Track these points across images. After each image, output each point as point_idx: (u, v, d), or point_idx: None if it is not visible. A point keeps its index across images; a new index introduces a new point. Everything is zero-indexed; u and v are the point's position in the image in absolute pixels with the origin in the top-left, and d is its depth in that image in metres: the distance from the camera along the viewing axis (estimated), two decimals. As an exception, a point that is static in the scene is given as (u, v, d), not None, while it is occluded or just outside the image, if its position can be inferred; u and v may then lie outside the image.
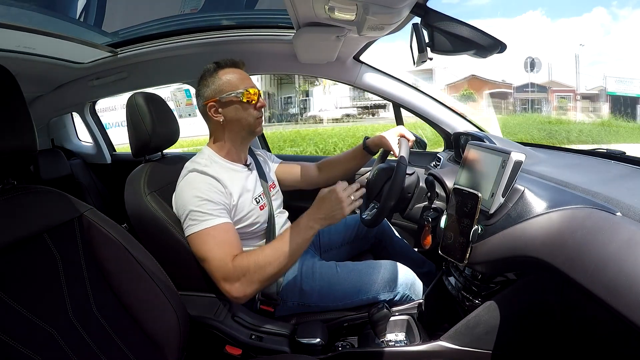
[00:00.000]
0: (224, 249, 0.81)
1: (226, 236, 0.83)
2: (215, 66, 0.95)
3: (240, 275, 0.79)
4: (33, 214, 0.59)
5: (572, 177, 0.72)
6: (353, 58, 1.41)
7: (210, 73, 0.94)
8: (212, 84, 0.93)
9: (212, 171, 0.87)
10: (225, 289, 0.80)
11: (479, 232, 0.71)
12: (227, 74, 0.94)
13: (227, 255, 0.80)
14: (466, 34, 0.72)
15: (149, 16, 1.48)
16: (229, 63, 0.96)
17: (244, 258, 0.80)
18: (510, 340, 0.75)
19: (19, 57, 1.30)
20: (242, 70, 0.98)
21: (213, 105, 0.93)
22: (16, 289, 0.53)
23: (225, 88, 0.92)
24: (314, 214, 0.81)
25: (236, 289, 0.79)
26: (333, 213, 0.80)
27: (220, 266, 0.79)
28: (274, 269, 0.79)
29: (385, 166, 1.05)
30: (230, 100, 0.92)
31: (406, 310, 0.97)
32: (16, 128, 0.56)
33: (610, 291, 0.45)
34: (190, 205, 0.83)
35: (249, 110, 0.93)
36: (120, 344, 0.61)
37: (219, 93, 0.92)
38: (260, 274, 0.79)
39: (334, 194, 0.79)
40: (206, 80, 0.94)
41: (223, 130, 0.95)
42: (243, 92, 0.91)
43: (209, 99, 0.93)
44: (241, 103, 0.92)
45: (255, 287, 0.80)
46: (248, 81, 0.95)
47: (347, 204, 0.80)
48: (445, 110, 1.43)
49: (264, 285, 0.81)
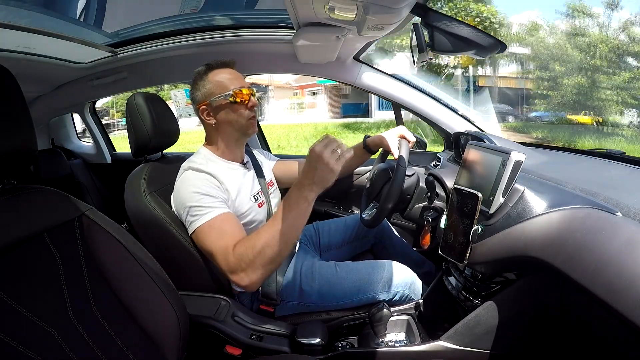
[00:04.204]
0: (225, 240, 0.79)
1: (226, 226, 0.82)
2: (205, 68, 0.94)
3: (243, 264, 0.75)
4: (33, 214, 0.59)
5: (572, 177, 0.72)
6: (353, 58, 1.42)
7: (200, 76, 0.94)
8: (202, 87, 0.93)
9: (208, 168, 0.87)
10: (233, 280, 0.78)
11: (479, 232, 0.71)
12: (217, 75, 0.93)
13: (228, 246, 0.78)
14: (466, 34, 0.72)
15: (149, 16, 1.48)
16: (219, 64, 0.95)
17: (241, 246, 0.77)
18: (510, 340, 0.75)
19: (19, 57, 1.30)
20: (233, 69, 0.97)
21: (205, 108, 0.93)
22: (16, 289, 0.53)
23: (216, 90, 0.91)
24: (304, 182, 0.72)
25: (242, 279, 0.76)
26: (322, 174, 0.69)
27: (223, 258, 0.78)
28: (274, 250, 0.74)
29: (385, 167, 1.05)
30: (220, 103, 0.91)
31: (406, 310, 0.97)
32: (16, 128, 0.56)
33: (610, 291, 0.45)
34: (189, 202, 0.83)
35: (240, 111, 0.92)
36: (120, 344, 0.61)
37: (209, 96, 0.92)
38: (261, 258, 0.74)
39: (313, 154, 0.69)
40: (197, 83, 0.94)
41: (217, 133, 0.95)
42: (232, 93, 0.90)
43: (200, 103, 0.93)
44: (231, 105, 0.91)
45: (261, 272, 0.75)
46: (239, 81, 0.94)
47: (334, 160, 0.68)
48: (445, 110, 1.43)
49: (271, 268, 0.77)
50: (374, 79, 1.45)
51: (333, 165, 0.68)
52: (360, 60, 1.44)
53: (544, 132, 9.31)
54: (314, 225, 1.29)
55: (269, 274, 0.80)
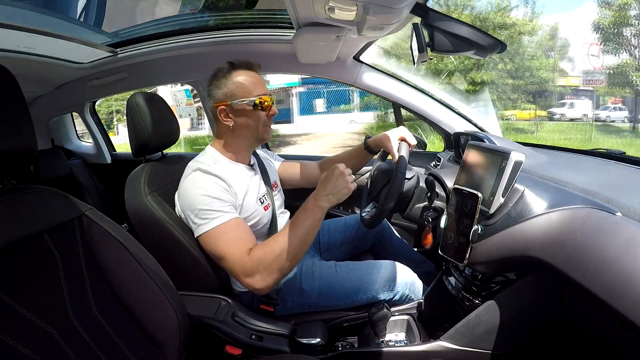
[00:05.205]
0: (239, 244, 0.81)
1: (239, 231, 0.83)
2: (229, 66, 0.91)
3: (260, 267, 0.79)
4: (33, 214, 0.59)
5: (572, 177, 0.72)
6: (353, 58, 1.41)
7: (223, 74, 0.91)
8: (224, 86, 0.90)
9: (216, 170, 0.87)
10: (246, 282, 0.80)
11: (479, 232, 0.71)
12: (240, 76, 0.90)
13: (243, 251, 0.80)
14: (466, 34, 0.72)
15: (149, 16, 1.49)
16: (244, 64, 0.92)
17: (259, 250, 0.80)
18: (510, 340, 0.75)
19: (19, 57, 1.30)
20: (257, 73, 0.94)
21: (224, 109, 0.90)
22: (16, 289, 0.53)
23: (238, 93, 0.89)
24: (320, 193, 0.80)
25: (257, 281, 0.79)
26: (338, 189, 0.79)
27: (238, 262, 0.80)
28: (291, 255, 0.79)
29: (385, 167, 1.04)
30: (242, 107, 0.89)
31: (406, 310, 0.97)
32: (16, 128, 0.56)
33: (610, 291, 0.45)
34: (199, 205, 0.82)
35: (260, 118, 0.91)
36: (120, 344, 0.61)
37: (230, 97, 0.89)
38: (278, 262, 0.79)
39: (336, 170, 0.80)
40: (219, 80, 0.91)
41: (231, 135, 0.94)
42: (256, 99, 0.89)
43: (220, 102, 0.90)
44: (253, 111, 0.90)
45: (276, 276, 0.80)
46: (262, 87, 0.92)
47: (351, 179, 0.80)
48: (445, 110, 1.43)
49: (284, 272, 0.81)
50: (374, 79, 1.45)
51: (349, 182, 0.80)
52: (360, 60, 1.44)
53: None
54: (314, 225, 1.29)
55: (282, 278, 0.83)
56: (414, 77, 1.50)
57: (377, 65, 1.47)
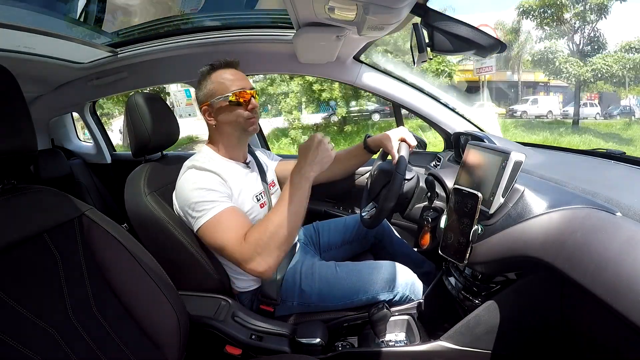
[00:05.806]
0: (235, 231, 0.81)
1: (234, 219, 0.83)
2: (209, 68, 0.95)
3: (258, 249, 0.78)
4: (33, 214, 0.59)
5: (573, 177, 0.72)
6: (353, 58, 1.41)
7: (204, 76, 0.94)
8: (204, 88, 0.93)
9: (211, 167, 0.88)
10: (249, 268, 0.79)
11: (479, 232, 0.71)
12: (219, 75, 0.93)
13: (239, 237, 0.80)
14: (466, 34, 0.72)
15: (149, 16, 1.49)
16: (223, 64, 0.95)
17: (254, 232, 0.80)
18: (510, 340, 0.75)
19: (19, 57, 1.30)
20: (237, 69, 0.97)
21: (206, 109, 0.94)
22: (16, 289, 0.53)
23: (217, 91, 0.92)
24: (303, 164, 0.81)
25: (258, 264, 0.78)
26: (321, 157, 0.81)
27: (236, 249, 0.79)
28: (286, 231, 0.78)
29: (385, 168, 1.04)
30: (220, 104, 0.92)
31: (406, 310, 0.97)
32: (16, 128, 0.56)
33: (610, 291, 0.45)
34: (193, 198, 0.83)
35: (239, 112, 0.92)
36: (119, 344, 0.61)
37: (210, 97, 0.92)
38: (275, 241, 0.78)
39: (316, 139, 0.82)
40: (200, 83, 0.95)
41: (217, 133, 0.96)
42: (232, 94, 0.90)
43: (202, 103, 0.94)
44: (231, 106, 0.91)
45: (277, 255, 0.79)
46: (241, 82, 0.93)
47: (331, 147, 0.83)
48: (446, 110, 1.43)
49: (284, 250, 0.80)
50: (373, 79, 1.45)
51: (330, 151, 0.82)
52: (360, 60, 1.44)
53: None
54: (314, 225, 1.29)
55: (283, 257, 0.82)
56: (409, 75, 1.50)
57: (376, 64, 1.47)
